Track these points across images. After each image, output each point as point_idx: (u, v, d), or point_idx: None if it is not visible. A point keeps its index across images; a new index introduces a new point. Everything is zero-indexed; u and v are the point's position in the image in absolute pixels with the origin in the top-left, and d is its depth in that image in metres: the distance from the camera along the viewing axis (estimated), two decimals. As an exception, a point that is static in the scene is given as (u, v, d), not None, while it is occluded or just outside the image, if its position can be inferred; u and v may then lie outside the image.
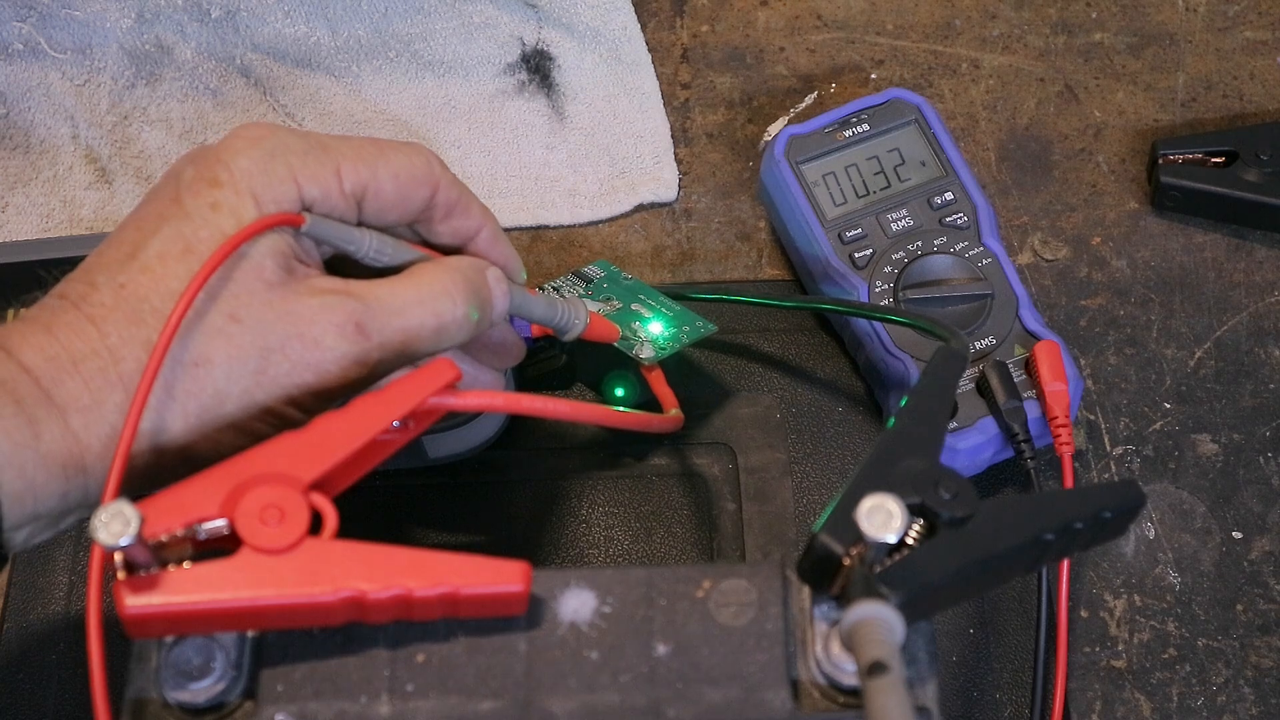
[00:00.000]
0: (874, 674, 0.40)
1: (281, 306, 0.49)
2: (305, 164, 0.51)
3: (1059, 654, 0.61)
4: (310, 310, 0.49)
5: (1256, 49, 0.79)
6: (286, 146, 0.51)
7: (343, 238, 0.52)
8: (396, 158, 0.53)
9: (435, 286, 0.52)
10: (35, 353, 0.47)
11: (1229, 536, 0.66)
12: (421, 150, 0.54)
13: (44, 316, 0.48)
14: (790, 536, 0.65)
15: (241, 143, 0.50)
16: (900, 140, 0.70)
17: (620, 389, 0.67)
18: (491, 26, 0.79)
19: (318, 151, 0.51)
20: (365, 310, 0.50)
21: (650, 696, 0.45)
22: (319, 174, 0.51)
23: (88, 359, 0.47)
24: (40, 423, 0.46)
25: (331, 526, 0.46)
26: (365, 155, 0.52)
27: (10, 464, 0.45)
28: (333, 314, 0.49)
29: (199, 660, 0.45)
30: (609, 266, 0.68)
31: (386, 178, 0.52)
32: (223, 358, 0.48)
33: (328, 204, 0.51)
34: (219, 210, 0.49)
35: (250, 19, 0.78)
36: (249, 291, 0.49)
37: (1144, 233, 0.74)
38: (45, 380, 0.47)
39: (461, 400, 0.50)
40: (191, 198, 0.49)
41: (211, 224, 0.49)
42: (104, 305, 0.48)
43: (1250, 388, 0.70)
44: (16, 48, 0.77)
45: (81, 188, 0.74)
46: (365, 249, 0.52)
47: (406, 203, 0.53)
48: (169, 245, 0.49)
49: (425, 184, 0.54)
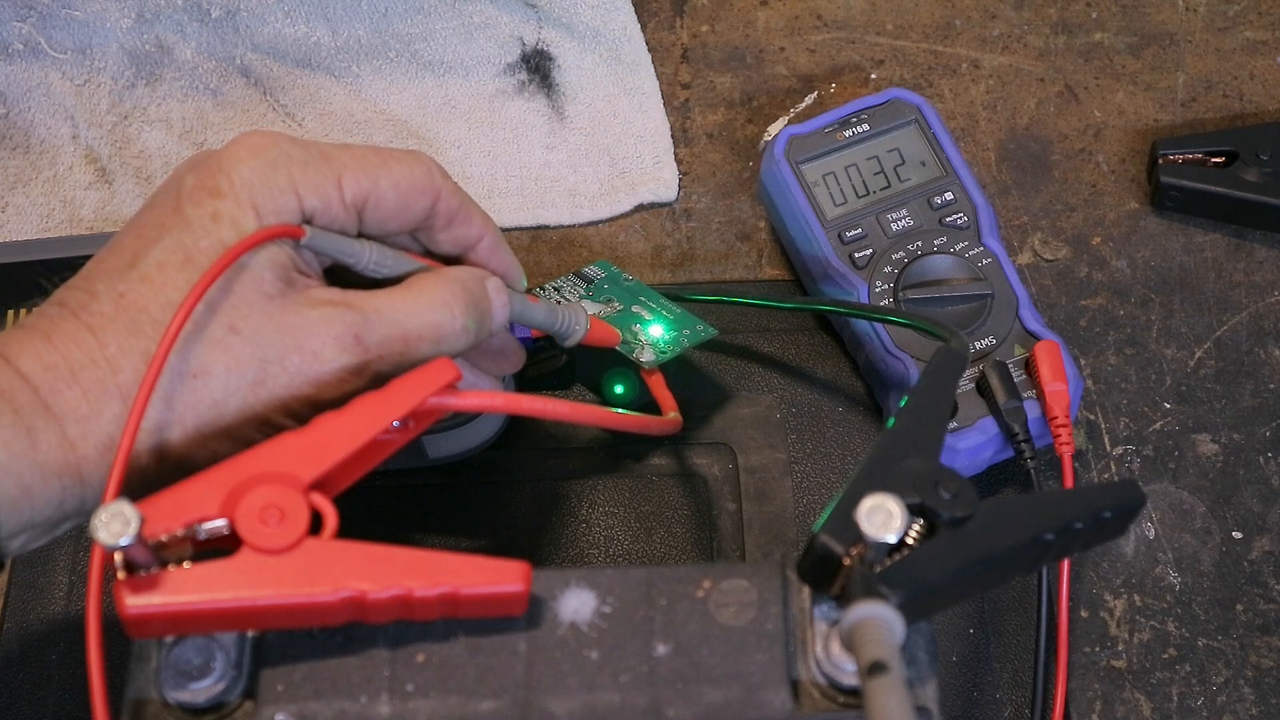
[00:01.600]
0: (874, 674, 0.40)
1: (281, 318, 0.49)
2: (306, 174, 0.50)
3: (1059, 654, 0.61)
4: (309, 322, 0.49)
5: (1256, 49, 0.79)
6: (288, 156, 0.50)
7: (342, 250, 0.52)
8: (398, 167, 0.53)
9: (434, 298, 0.52)
10: (34, 361, 0.47)
11: (1229, 536, 0.66)
12: (423, 159, 0.54)
13: (43, 324, 0.48)
14: (790, 536, 0.65)
15: (244, 151, 0.50)
16: (900, 140, 0.70)
17: (620, 386, 0.67)
18: (491, 26, 0.79)
19: (319, 162, 0.51)
20: (364, 323, 0.50)
21: (650, 696, 0.45)
22: (320, 184, 0.51)
23: (86, 369, 0.47)
24: (38, 432, 0.46)
25: (331, 526, 0.46)
26: (367, 165, 0.52)
27: (8, 472, 0.45)
28: (331, 326, 0.49)
29: (199, 660, 0.45)
30: (610, 267, 0.68)
31: (388, 187, 0.52)
32: (221, 369, 0.48)
33: (328, 214, 0.51)
34: (219, 220, 0.49)
35: (250, 19, 0.78)
36: (248, 303, 0.49)
37: (1144, 233, 0.74)
38: (43, 389, 0.47)
39: (461, 400, 0.50)
40: (192, 207, 0.49)
41: (212, 234, 0.49)
42: (103, 314, 0.48)
43: (1250, 388, 0.70)
44: (16, 48, 0.77)
45: (81, 188, 0.74)
46: (365, 261, 0.52)
47: (408, 212, 0.53)
48: (169, 255, 0.49)
49: (427, 193, 0.53)
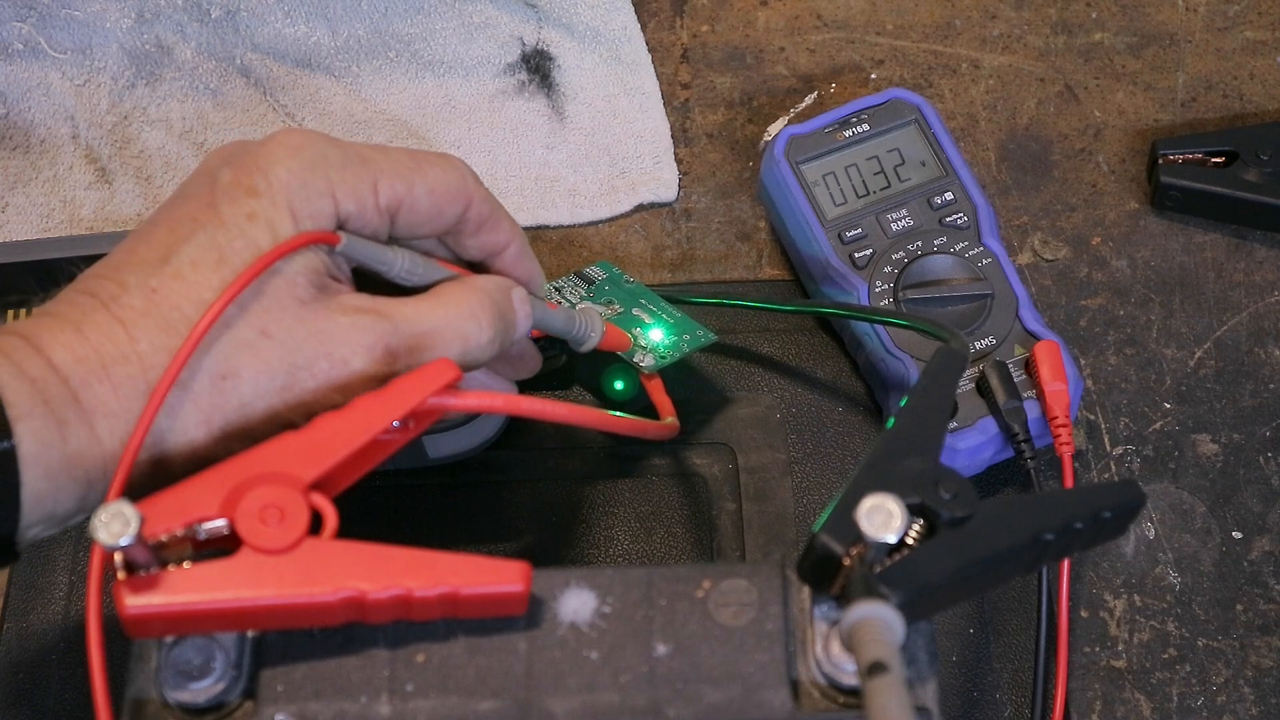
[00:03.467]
0: (874, 674, 0.40)
1: (312, 324, 0.48)
2: (343, 178, 0.50)
3: (1059, 654, 0.61)
4: (340, 330, 0.49)
5: (1256, 49, 0.79)
6: (326, 158, 0.50)
7: (375, 258, 0.51)
8: (433, 172, 0.52)
9: (463, 309, 0.52)
10: (65, 352, 0.46)
11: (1229, 536, 0.66)
12: (456, 164, 0.53)
13: (73, 315, 0.47)
14: (790, 536, 0.65)
15: (282, 151, 0.49)
16: (900, 140, 0.70)
17: (619, 382, 0.67)
18: (491, 26, 0.79)
19: (356, 165, 0.50)
20: (394, 332, 0.50)
21: (650, 696, 0.45)
22: (356, 188, 0.50)
23: (117, 363, 0.46)
24: (68, 425, 0.45)
25: (331, 526, 0.46)
26: (402, 170, 0.51)
27: (37, 463, 0.45)
28: (363, 335, 0.49)
29: (199, 660, 0.45)
30: (611, 268, 0.68)
31: (422, 193, 0.52)
32: (251, 372, 0.48)
33: (363, 219, 0.51)
34: (255, 221, 0.48)
35: (250, 19, 0.78)
36: (281, 307, 0.48)
37: (1144, 233, 0.74)
38: (74, 381, 0.46)
39: (461, 400, 0.50)
40: (228, 204, 0.49)
41: (247, 235, 0.48)
42: (134, 309, 0.47)
43: (1250, 388, 0.70)
44: (16, 48, 0.77)
45: (81, 188, 0.74)
46: (397, 269, 0.52)
47: (440, 218, 0.53)
48: (202, 253, 0.48)
49: (459, 199, 0.53)
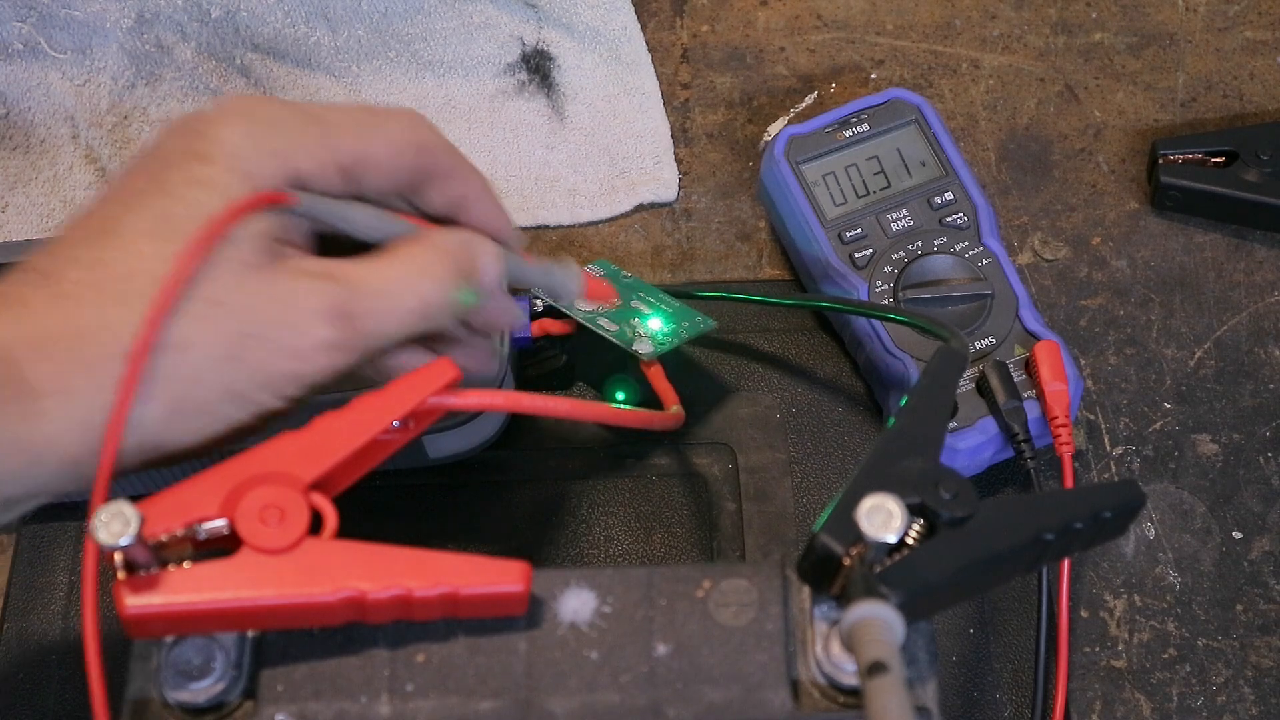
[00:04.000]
0: (874, 674, 0.40)
1: (264, 291, 0.47)
2: (298, 139, 0.48)
3: (1059, 654, 0.61)
4: (292, 295, 0.47)
5: (1256, 49, 0.79)
6: (278, 120, 0.48)
7: (336, 215, 0.49)
8: (390, 125, 0.51)
9: (418, 265, 0.50)
10: (8, 330, 0.44)
11: (1229, 536, 0.66)
12: (415, 117, 0.52)
13: (14, 291, 0.45)
14: (790, 536, 0.65)
15: (230, 115, 0.48)
16: (900, 140, 0.70)
17: (621, 393, 0.67)
18: (491, 26, 0.79)
19: (310, 123, 0.49)
20: (349, 295, 0.48)
21: (650, 696, 0.45)
22: (311, 147, 0.48)
23: (61, 340, 0.45)
24: (7, 404, 0.44)
25: (331, 526, 0.46)
26: (359, 125, 0.50)
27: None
28: (315, 299, 0.47)
29: (199, 660, 0.45)
30: (609, 265, 0.68)
31: (381, 148, 0.50)
32: (201, 342, 0.46)
33: (323, 178, 0.49)
34: (205, 187, 0.46)
35: (250, 19, 0.78)
36: (230, 273, 0.46)
37: (1144, 233, 0.74)
38: (17, 359, 0.44)
39: (461, 400, 0.50)
40: (176, 172, 0.47)
41: (197, 201, 0.46)
42: (81, 283, 0.45)
43: (1250, 388, 0.70)
44: (16, 48, 0.77)
45: (81, 188, 0.74)
46: (360, 225, 0.50)
47: (400, 172, 0.51)
48: (151, 223, 0.46)
49: (420, 152, 0.51)
